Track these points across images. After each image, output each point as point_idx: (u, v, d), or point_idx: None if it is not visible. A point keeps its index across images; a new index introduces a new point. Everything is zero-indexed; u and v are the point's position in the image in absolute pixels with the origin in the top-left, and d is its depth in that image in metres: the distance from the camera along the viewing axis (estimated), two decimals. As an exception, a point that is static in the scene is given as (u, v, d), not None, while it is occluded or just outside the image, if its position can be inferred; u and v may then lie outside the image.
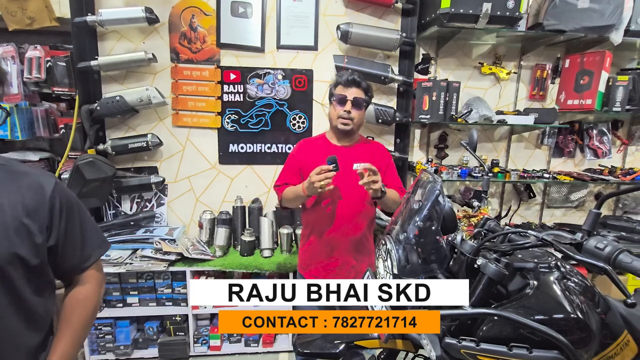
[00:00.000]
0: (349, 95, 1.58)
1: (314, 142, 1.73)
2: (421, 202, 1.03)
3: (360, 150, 1.68)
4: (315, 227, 1.69)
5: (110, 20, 2.09)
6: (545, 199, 2.76)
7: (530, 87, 2.59)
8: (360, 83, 1.59)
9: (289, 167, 1.73)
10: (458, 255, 1.12)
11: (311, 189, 1.45)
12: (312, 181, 1.42)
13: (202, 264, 2.22)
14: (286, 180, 1.71)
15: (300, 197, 1.58)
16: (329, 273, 1.69)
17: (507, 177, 2.41)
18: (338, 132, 1.64)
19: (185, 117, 2.37)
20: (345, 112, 1.57)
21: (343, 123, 1.59)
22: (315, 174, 1.42)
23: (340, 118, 1.59)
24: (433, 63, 2.47)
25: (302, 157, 1.69)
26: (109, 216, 2.41)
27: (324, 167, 1.42)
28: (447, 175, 2.31)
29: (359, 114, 1.61)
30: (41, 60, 2.19)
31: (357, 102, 1.58)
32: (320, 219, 1.66)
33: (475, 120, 2.30)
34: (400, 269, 1.00)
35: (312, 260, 1.72)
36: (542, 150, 2.71)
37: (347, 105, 1.57)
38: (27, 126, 2.30)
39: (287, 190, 1.66)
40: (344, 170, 1.52)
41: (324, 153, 1.62)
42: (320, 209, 1.65)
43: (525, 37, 2.35)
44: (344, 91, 1.59)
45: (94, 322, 2.21)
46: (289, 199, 1.66)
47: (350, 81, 1.58)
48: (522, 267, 1.06)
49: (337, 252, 1.67)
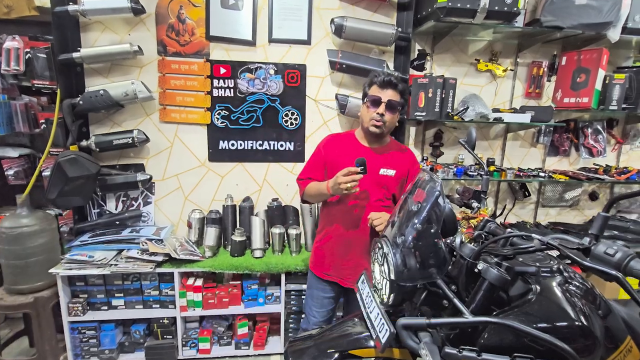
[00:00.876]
0: (383, 97, 1.51)
1: (343, 139, 1.68)
2: (420, 203, 0.97)
3: (389, 157, 1.63)
4: (335, 225, 1.66)
5: (94, 10, 1.98)
6: (540, 198, 2.74)
7: (527, 84, 2.55)
8: (396, 85, 1.52)
9: (315, 161, 1.69)
10: (457, 259, 1.07)
11: (336, 189, 1.42)
12: (339, 182, 1.39)
13: (191, 264, 2.14)
14: (310, 174, 1.68)
15: (323, 195, 1.55)
16: (342, 273, 1.66)
17: (503, 176, 2.37)
18: (369, 134, 1.59)
19: (173, 112, 2.28)
20: (377, 115, 1.51)
21: (375, 125, 1.53)
22: (342, 174, 1.38)
23: (373, 120, 1.53)
24: (429, 59, 2.42)
25: (329, 153, 1.65)
26: (93, 215, 2.32)
27: (352, 169, 1.38)
28: (442, 174, 2.27)
29: (393, 117, 1.55)
30: (20, 51, 2.08)
31: (391, 105, 1.52)
32: (341, 218, 1.63)
33: (471, 117, 2.26)
34: (398, 274, 0.94)
35: (327, 258, 1.69)
36: (538, 149, 2.68)
37: (380, 108, 1.51)
38: (5, 121, 2.19)
39: (311, 185, 1.63)
40: (370, 173, 1.48)
41: (352, 153, 1.59)
42: (342, 208, 1.62)
43: (522, 34, 2.32)
44: (379, 93, 1.53)
45: (78, 325, 2.14)
46: (311, 195, 1.64)
47: (387, 82, 1.51)
48: (524, 272, 1.01)
49: (352, 252, 1.64)
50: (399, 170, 1.61)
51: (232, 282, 2.27)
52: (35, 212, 2.07)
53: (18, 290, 2.03)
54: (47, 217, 2.10)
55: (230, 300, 2.25)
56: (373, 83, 1.55)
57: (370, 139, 1.63)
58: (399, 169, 1.61)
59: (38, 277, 2.04)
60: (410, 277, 0.94)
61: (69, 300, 2.11)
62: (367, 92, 1.58)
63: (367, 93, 1.58)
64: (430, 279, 0.96)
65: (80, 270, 2.01)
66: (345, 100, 2.25)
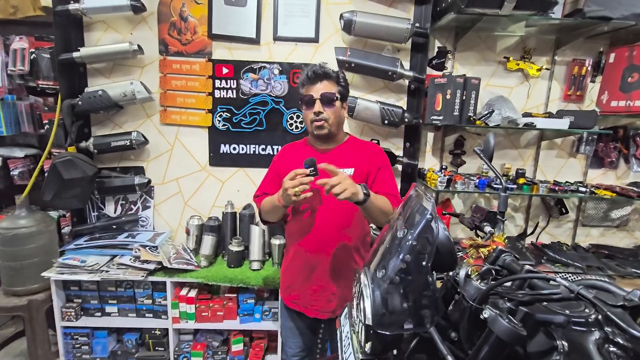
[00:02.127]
0: (315, 94, 1.33)
1: (296, 148, 1.52)
2: (406, 228, 0.76)
3: (344, 155, 1.41)
4: (296, 243, 1.46)
5: (94, 8, 1.94)
6: (580, 216, 2.38)
7: (566, 86, 2.23)
8: (326, 74, 1.34)
9: (269, 176, 1.54)
10: (460, 298, 0.85)
11: (285, 197, 1.23)
12: (285, 187, 1.20)
13: (184, 274, 2.02)
14: (265, 190, 1.51)
15: (277, 208, 1.35)
16: (309, 299, 1.45)
17: (534, 190, 2.07)
18: (317, 137, 1.41)
19: (173, 114, 2.20)
20: (315, 115, 1.33)
21: (317, 127, 1.35)
22: (288, 179, 1.20)
23: (313, 122, 1.35)
24: (450, 57, 2.17)
25: (282, 164, 1.48)
26: (92, 218, 2.27)
27: (299, 170, 1.20)
28: (461, 186, 2.01)
29: (334, 111, 1.35)
30: (25, 51, 2.08)
31: (326, 99, 1.33)
32: (299, 233, 1.43)
33: (497, 123, 1.99)
34: (376, 319, 0.74)
35: (292, 282, 1.48)
36: (578, 160, 2.34)
37: (316, 106, 1.33)
38: (12, 121, 2.21)
39: (265, 200, 1.44)
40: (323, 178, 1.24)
41: (303, 157, 1.37)
42: (300, 222, 1.42)
43: (561, 27, 2.01)
44: (310, 89, 1.35)
45: (71, 331, 2.09)
46: (267, 211, 1.43)
47: (312, 76, 1.33)
48: (548, 322, 0.77)
49: (316, 274, 1.42)
50: (357, 166, 1.38)
51: (228, 295, 2.13)
52: (34, 214, 2.04)
53: (13, 292, 2.00)
54: (45, 218, 2.07)
55: (225, 314, 2.11)
56: (302, 82, 1.37)
57: (320, 142, 1.44)
58: (358, 165, 1.38)
59: (34, 279, 2.00)
60: (391, 324, 0.74)
61: (63, 305, 2.06)
62: (300, 92, 1.39)
63: (300, 94, 1.39)
64: (418, 327, 0.75)
65: (71, 275, 1.95)
66: (354, 102, 2.06)
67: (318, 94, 1.33)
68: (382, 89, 2.20)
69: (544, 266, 2.10)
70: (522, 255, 2.15)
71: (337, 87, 1.36)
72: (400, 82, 2.16)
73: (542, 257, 2.17)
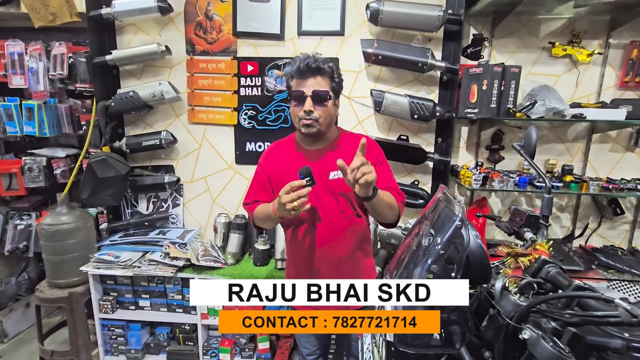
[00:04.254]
0: (306, 90, 1.21)
1: (282, 147, 1.41)
2: (432, 235, 0.69)
3: (339, 153, 1.31)
4: (296, 249, 1.40)
5: (123, 11, 1.99)
6: (638, 217, 2.13)
7: (622, 71, 1.99)
8: (319, 69, 1.21)
9: (258, 181, 1.43)
10: (495, 314, 0.76)
11: (283, 210, 1.14)
12: (283, 202, 1.11)
13: (212, 272, 2.05)
14: (256, 196, 1.41)
15: (272, 219, 1.28)
16: None
17: (583, 189, 1.88)
18: (305, 136, 1.30)
19: (200, 113, 2.22)
20: (304, 113, 1.22)
21: (305, 125, 1.23)
22: (284, 192, 1.11)
23: (302, 120, 1.24)
24: (486, 45, 2.01)
25: (270, 166, 1.39)
26: (127, 215, 2.36)
27: (295, 183, 1.10)
28: (499, 184, 1.86)
29: (325, 110, 1.23)
30: (64, 56, 2.19)
31: (318, 97, 1.21)
32: (301, 240, 1.36)
33: (541, 115, 1.82)
34: (399, 335, 0.67)
35: None
36: (637, 155, 2.09)
37: (306, 104, 1.21)
38: (54, 123, 2.34)
39: (258, 209, 1.35)
40: (319, 182, 1.18)
41: (295, 161, 1.31)
42: (296, 232, 1.36)
43: (617, 6, 1.79)
44: (300, 85, 1.23)
45: (108, 323, 2.19)
46: (261, 220, 1.36)
47: (304, 70, 1.20)
48: (602, 346, 0.66)
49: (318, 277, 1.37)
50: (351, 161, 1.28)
51: (254, 293, 2.13)
52: (73, 211, 2.16)
53: (57, 284, 2.12)
54: (84, 215, 2.18)
55: (252, 312, 2.11)
56: (291, 75, 1.25)
57: (309, 141, 1.33)
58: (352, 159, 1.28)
59: (74, 273, 2.11)
60: (415, 341, 0.67)
61: (100, 298, 2.16)
62: (289, 86, 1.28)
63: (289, 88, 1.28)
64: (447, 346, 0.67)
65: (107, 270, 2.04)
66: (380, 96, 1.97)
67: (309, 90, 1.21)
68: (411, 82, 2.08)
69: (595, 272, 1.90)
70: (568, 259, 1.95)
71: (330, 83, 1.25)
72: (431, 74, 2.03)
73: (592, 262, 1.97)
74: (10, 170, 2.36)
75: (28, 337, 2.54)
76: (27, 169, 2.35)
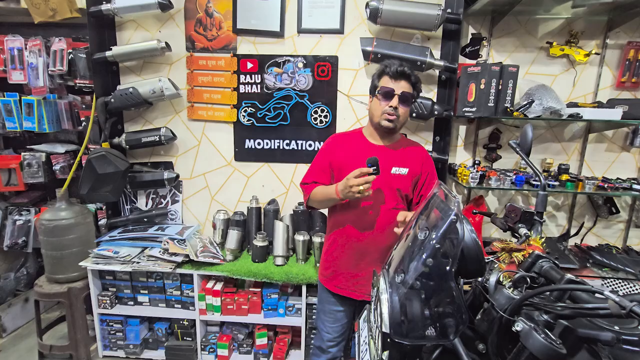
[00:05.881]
0: (396, 89, 1.38)
1: (349, 138, 1.54)
2: (428, 229, 0.70)
3: (401, 154, 1.48)
4: (345, 233, 1.50)
5: (124, 7, 1.99)
6: (633, 217, 2.16)
7: (619, 72, 2.01)
8: (410, 76, 1.39)
9: (319, 164, 1.55)
10: (489, 307, 0.77)
11: (347, 192, 1.29)
12: (350, 185, 1.25)
13: (210, 267, 2.06)
14: (315, 178, 1.54)
15: (332, 200, 1.42)
16: (356, 284, 1.51)
17: (579, 187, 1.89)
18: (380, 129, 1.45)
19: (200, 110, 2.23)
20: (390, 108, 1.38)
21: (388, 119, 1.39)
22: (353, 176, 1.25)
23: (385, 114, 1.39)
24: (485, 44, 2.03)
25: (335, 154, 1.51)
26: (126, 211, 2.37)
27: (364, 169, 1.25)
28: (496, 182, 1.87)
29: (406, 111, 1.42)
30: (64, 52, 2.19)
31: (405, 98, 1.39)
32: (351, 223, 1.47)
33: (538, 114, 1.83)
34: (394, 327, 0.69)
35: (338, 268, 1.53)
36: (632, 154, 2.11)
37: (393, 101, 1.38)
38: (54, 119, 2.34)
39: (317, 189, 1.49)
40: (381, 173, 1.30)
41: (361, 152, 1.44)
42: (353, 213, 1.47)
43: (615, 6, 1.80)
44: (392, 84, 1.39)
45: (106, 318, 2.20)
46: (318, 200, 1.50)
47: (400, 73, 1.38)
48: (592, 339, 0.68)
49: (366, 261, 1.47)
50: (411, 167, 1.46)
51: (252, 289, 2.15)
52: (72, 206, 2.16)
53: (55, 279, 2.13)
54: (83, 211, 2.19)
55: (250, 308, 2.13)
56: (384, 74, 1.41)
57: (381, 136, 1.49)
58: (412, 166, 1.47)
59: (73, 268, 2.12)
60: (411, 333, 0.68)
61: (99, 293, 2.17)
62: (377, 84, 1.44)
63: (378, 85, 1.43)
64: (441, 337, 0.68)
65: (105, 265, 2.05)
66: (379, 94, 1.98)
67: (399, 90, 1.37)
68: (410, 80, 2.09)
69: (590, 270, 1.93)
70: (564, 257, 1.98)
71: (414, 91, 1.41)
72: (430, 73, 2.05)
73: (587, 260, 1.99)
74: (10, 165, 2.36)
75: (26, 332, 2.55)
76: (26, 164, 2.35)
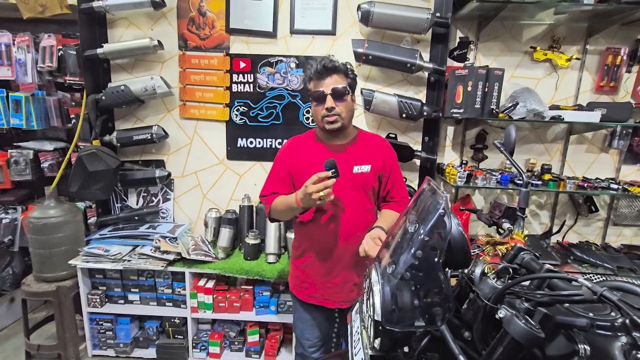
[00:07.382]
0: (325, 89, 1.30)
1: (304, 142, 1.47)
2: (418, 223, 0.74)
3: (360, 150, 1.41)
4: (313, 241, 1.44)
5: (116, 5, 1.99)
6: (611, 215, 2.26)
7: (598, 76, 2.10)
8: (335, 68, 1.30)
9: (277, 173, 1.47)
10: (474, 297, 0.82)
11: (307, 200, 1.19)
12: (309, 192, 1.16)
13: (203, 265, 2.07)
14: (274, 188, 1.46)
15: (293, 210, 1.32)
16: (328, 292, 1.45)
17: (561, 187, 1.97)
18: (328, 132, 1.37)
19: (192, 108, 2.23)
20: (326, 111, 1.30)
21: (329, 122, 1.32)
22: (312, 183, 1.16)
23: (325, 118, 1.32)
24: (472, 48, 2.09)
25: (291, 160, 1.44)
26: (116, 209, 2.36)
27: (322, 174, 1.16)
28: (482, 182, 1.94)
29: (345, 105, 1.32)
30: (53, 49, 2.17)
31: (338, 94, 1.30)
32: (318, 231, 1.41)
33: (522, 116, 1.91)
34: (385, 315, 0.72)
35: (307, 278, 1.48)
36: (610, 155, 2.21)
37: (327, 102, 1.29)
38: (42, 116, 2.31)
39: (277, 200, 1.40)
40: (343, 175, 1.24)
41: (317, 155, 1.37)
42: (318, 221, 1.40)
43: (594, 13, 1.89)
44: (319, 85, 1.31)
45: (96, 317, 2.19)
46: (280, 211, 1.41)
47: (322, 70, 1.30)
48: (569, 325, 0.73)
49: (338, 268, 1.43)
50: (374, 163, 1.39)
51: (244, 287, 2.16)
52: (62, 204, 2.14)
53: (44, 278, 2.11)
54: (72, 209, 2.17)
55: (242, 305, 2.14)
56: (310, 78, 1.34)
57: (332, 137, 1.40)
58: (374, 162, 1.39)
59: (62, 267, 2.10)
60: (401, 320, 0.72)
61: (89, 292, 2.15)
62: (309, 88, 1.36)
63: (309, 90, 1.35)
64: (429, 324, 0.72)
65: (96, 263, 2.04)
66: (370, 95, 2.03)
67: (329, 88, 1.29)
68: (400, 82, 2.15)
69: (570, 266, 2.01)
70: (546, 254, 2.06)
71: (346, 80, 1.33)
72: (419, 75, 2.10)
73: (568, 256, 2.08)
74: (-4, 162, 2.32)
75: (12, 332, 2.50)
76: (13, 161, 2.31)
